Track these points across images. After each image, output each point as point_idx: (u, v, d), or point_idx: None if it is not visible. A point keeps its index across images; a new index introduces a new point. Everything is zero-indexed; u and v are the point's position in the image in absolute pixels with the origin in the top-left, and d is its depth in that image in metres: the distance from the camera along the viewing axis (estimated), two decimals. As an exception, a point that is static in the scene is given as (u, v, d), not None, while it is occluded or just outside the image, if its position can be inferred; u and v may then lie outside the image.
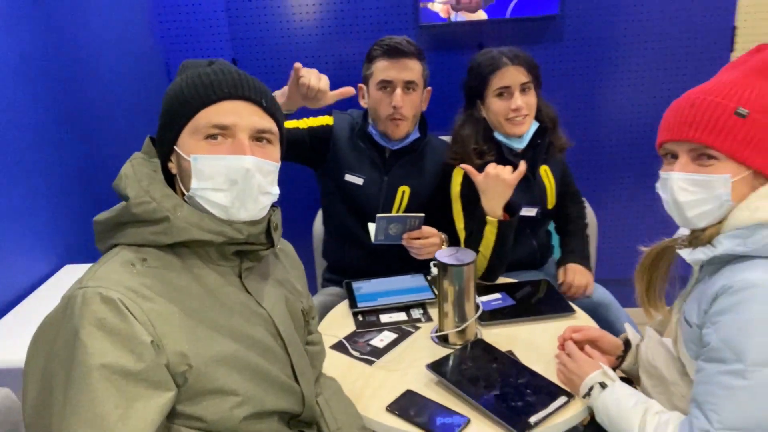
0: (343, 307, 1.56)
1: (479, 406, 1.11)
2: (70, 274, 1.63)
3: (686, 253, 1.03)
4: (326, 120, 1.75)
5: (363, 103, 1.73)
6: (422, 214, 1.57)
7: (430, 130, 1.77)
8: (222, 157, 0.86)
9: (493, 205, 1.56)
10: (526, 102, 1.59)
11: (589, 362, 1.16)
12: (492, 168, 1.53)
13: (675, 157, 1.01)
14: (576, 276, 1.71)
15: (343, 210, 1.77)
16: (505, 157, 1.64)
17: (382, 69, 1.61)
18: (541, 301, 1.53)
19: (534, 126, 1.65)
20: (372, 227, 1.57)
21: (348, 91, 1.47)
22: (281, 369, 0.95)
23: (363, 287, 1.62)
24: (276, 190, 0.92)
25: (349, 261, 1.82)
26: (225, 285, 0.90)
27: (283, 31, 2.23)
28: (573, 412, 1.11)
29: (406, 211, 1.74)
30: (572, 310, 1.47)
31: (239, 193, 0.86)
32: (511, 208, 1.58)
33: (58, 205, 1.66)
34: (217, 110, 0.86)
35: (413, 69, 1.62)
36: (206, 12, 2.23)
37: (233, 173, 0.85)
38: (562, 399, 1.13)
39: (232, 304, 0.90)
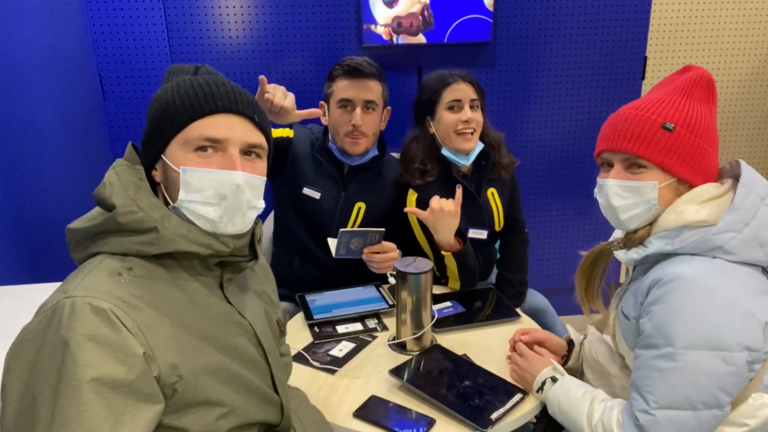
0: (298, 319, 1.58)
1: (443, 406, 1.17)
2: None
3: (621, 254, 1.14)
4: (286, 132, 1.77)
5: (324, 120, 1.76)
6: (383, 229, 1.62)
7: None
8: (213, 171, 0.85)
9: (445, 237, 1.62)
10: (474, 117, 1.69)
11: (539, 360, 1.25)
12: (435, 203, 1.58)
13: (611, 165, 1.11)
14: None
15: (297, 223, 1.78)
16: (453, 176, 1.73)
17: (342, 88, 1.66)
18: (490, 308, 1.62)
19: (479, 146, 1.74)
20: (333, 242, 1.60)
21: (315, 111, 1.51)
22: (262, 379, 0.96)
23: (317, 299, 1.64)
24: (261, 204, 0.93)
25: (299, 275, 1.83)
26: (208, 295, 0.90)
27: (225, 47, 2.23)
28: (528, 407, 1.20)
29: (361, 227, 1.78)
30: (518, 315, 1.57)
31: (228, 207, 0.86)
32: (460, 233, 1.66)
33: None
34: (209, 123, 0.86)
35: (373, 89, 1.67)
36: (144, 27, 2.18)
37: (223, 188, 0.86)
38: (518, 396, 1.21)
39: (215, 314, 0.90)
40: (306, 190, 1.75)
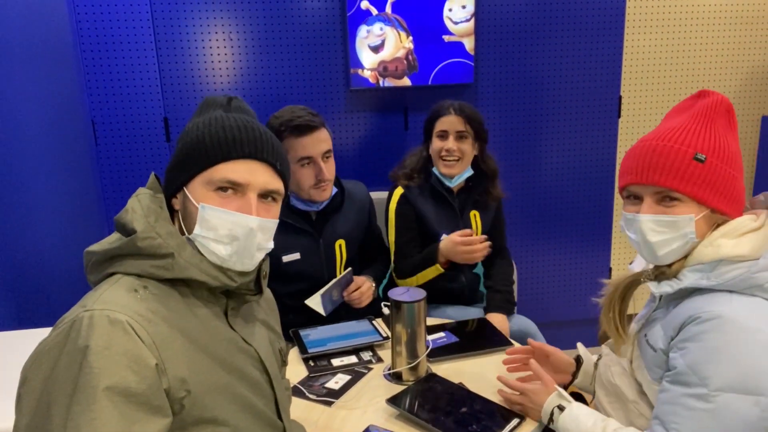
0: (293, 353, 1.57)
1: (441, 433, 1.17)
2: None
3: (653, 286, 1.07)
4: None
5: None
6: (350, 269, 1.70)
7: (369, 189, 1.94)
8: (230, 213, 0.89)
9: (449, 258, 1.80)
10: (459, 147, 1.82)
11: (542, 391, 1.22)
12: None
13: (638, 198, 1.07)
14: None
15: (282, 291, 1.70)
16: (437, 190, 1.89)
17: (300, 147, 1.66)
18: (482, 337, 1.64)
19: (468, 172, 1.88)
20: (314, 302, 1.63)
21: None
22: (266, 405, 0.98)
23: (311, 334, 1.65)
24: (271, 245, 0.96)
25: (294, 324, 1.80)
26: (214, 320, 0.93)
27: (216, 93, 2.29)
28: (526, 432, 1.20)
29: (347, 261, 1.82)
30: (510, 343, 1.59)
31: (239, 248, 0.90)
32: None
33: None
34: (233, 167, 0.90)
35: (325, 139, 1.69)
36: (138, 74, 2.25)
37: (237, 229, 0.89)
38: (515, 420, 1.22)
39: (222, 338, 0.93)
40: (285, 258, 1.73)
